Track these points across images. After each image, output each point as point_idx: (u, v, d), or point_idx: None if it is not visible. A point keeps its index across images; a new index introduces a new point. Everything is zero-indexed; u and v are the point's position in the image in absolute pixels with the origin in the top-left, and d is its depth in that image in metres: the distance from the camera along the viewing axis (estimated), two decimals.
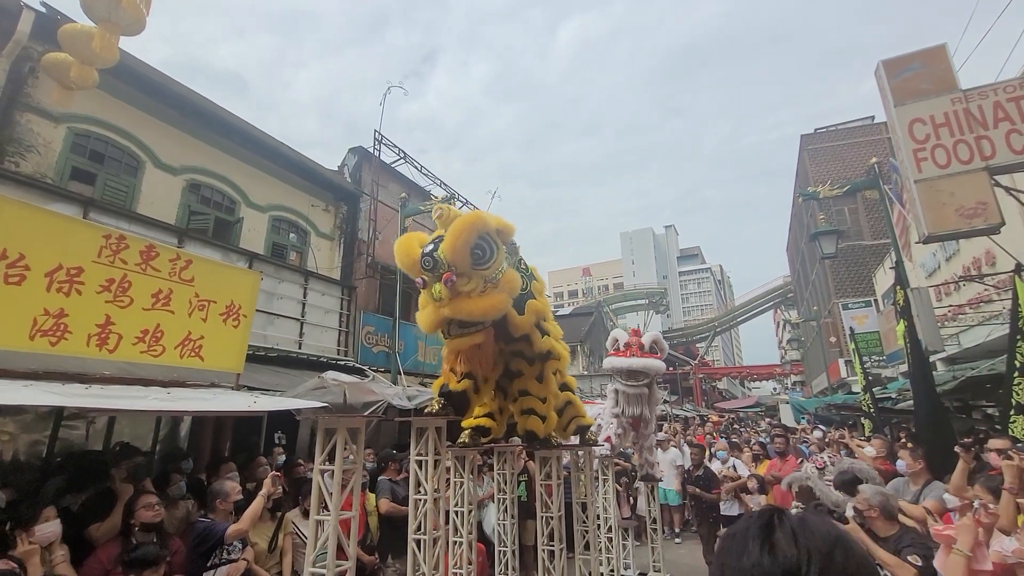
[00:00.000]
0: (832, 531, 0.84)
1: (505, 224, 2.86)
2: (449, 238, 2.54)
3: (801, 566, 0.77)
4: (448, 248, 2.52)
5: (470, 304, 2.55)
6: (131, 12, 4.84)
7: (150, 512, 3.27)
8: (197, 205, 8.14)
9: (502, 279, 2.67)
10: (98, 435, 5.80)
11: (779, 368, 39.20)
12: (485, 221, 2.66)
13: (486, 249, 2.63)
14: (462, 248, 2.51)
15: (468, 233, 2.53)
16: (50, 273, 3.83)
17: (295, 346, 8.34)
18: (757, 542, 0.82)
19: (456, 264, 2.53)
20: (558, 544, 3.79)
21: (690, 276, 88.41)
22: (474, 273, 2.58)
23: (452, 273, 2.52)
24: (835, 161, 21.99)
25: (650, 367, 5.24)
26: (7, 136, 5.94)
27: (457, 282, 2.52)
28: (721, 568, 0.88)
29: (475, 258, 2.59)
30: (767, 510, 0.89)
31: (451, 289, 2.52)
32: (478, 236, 2.59)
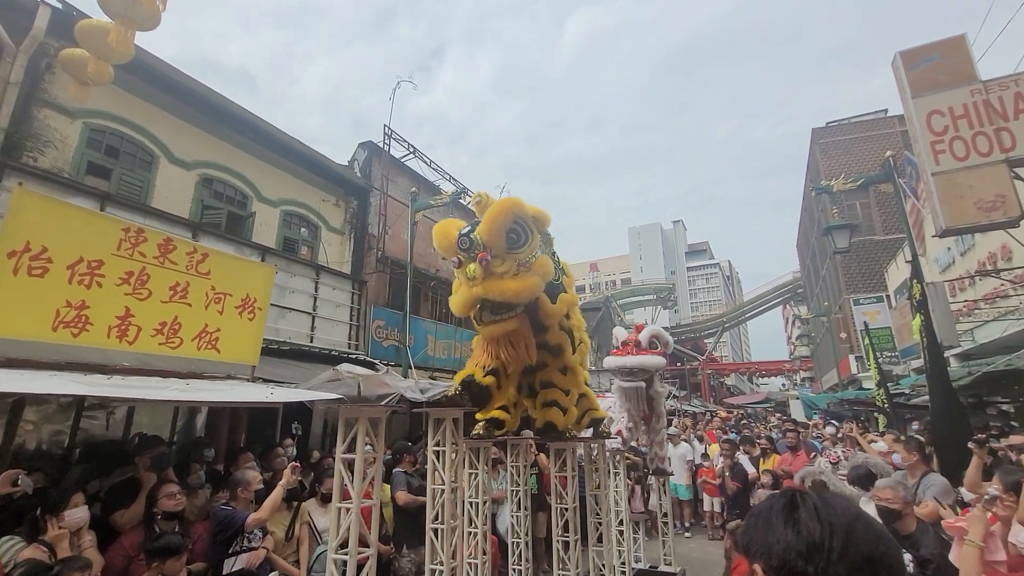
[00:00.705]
0: (852, 508, 0.87)
1: (541, 212, 2.92)
2: (486, 220, 2.59)
3: (824, 540, 0.80)
4: (484, 229, 2.58)
5: (503, 284, 2.56)
6: (147, 7, 4.88)
7: (172, 501, 3.33)
8: (210, 199, 8.20)
9: (535, 263, 2.69)
10: (118, 425, 5.90)
11: (788, 364, 38.97)
12: (522, 206, 2.72)
13: (521, 233, 2.67)
14: (498, 230, 2.57)
15: (504, 216, 2.59)
16: (72, 266, 3.89)
17: (307, 340, 8.42)
18: (781, 519, 0.86)
19: (491, 245, 2.58)
20: (572, 535, 3.81)
21: (698, 272, 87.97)
22: (508, 255, 2.62)
23: (487, 253, 2.56)
24: (847, 155, 21.74)
25: (646, 363, 5.22)
26: (25, 131, 6.01)
27: (491, 262, 2.56)
28: (747, 546, 0.91)
29: (510, 241, 2.63)
30: (789, 491, 0.92)
31: (485, 269, 2.56)
32: (514, 220, 2.64)
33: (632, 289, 45.65)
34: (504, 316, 2.64)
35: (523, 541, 4.35)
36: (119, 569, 3.10)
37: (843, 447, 6.75)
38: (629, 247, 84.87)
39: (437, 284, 12.09)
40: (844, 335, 20.93)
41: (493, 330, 2.68)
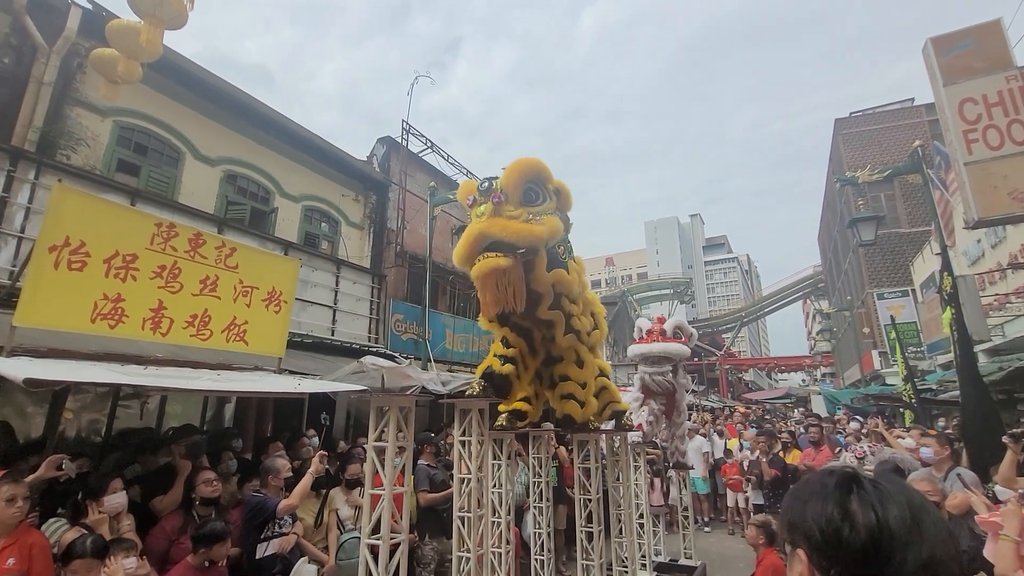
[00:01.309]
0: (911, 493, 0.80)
1: (565, 188, 2.98)
2: (509, 168, 2.71)
3: (883, 529, 0.74)
4: (505, 176, 2.70)
5: (508, 223, 2.59)
6: (175, 6, 4.97)
7: (209, 487, 3.44)
8: (234, 195, 8.36)
9: (545, 218, 2.73)
10: (151, 415, 6.08)
11: (808, 359, 38.31)
12: (546, 169, 2.82)
13: (539, 193, 2.77)
14: (517, 181, 2.67)
15: (527, 170, 2.71)
16: (108, 260, 4.01)
17: (328, 333, 8.54)
18: (832, 502, 0.79)
19: (508, 192, 2.66)
20: (597, 526, 3.83)
21: (716, 266, 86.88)
22: (521, 207, 2.69)
23: (501, 195, 2.63)
24: (872, 146, 21.22)
25: (672, 351, 5.22)
26: (59, 129, 6.19)
27: (503, 204, 2.63)
28: (790, 528, 0.84)
29: (526, 195, 2.72)
30: (842, 471, 0.85)
31: (496, 208, 2.62)
32: (535, 177, 2.74)
33: (648, 283, 45.27)
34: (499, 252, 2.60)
35: (545, 532, 4.39)
36: (160, 551, 3.22)
37: (869, 442, 6.65)
38: (645, 241, 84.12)
39: (455, 278, 12.15)
40: (867, 330, 20.52)
41: (485, 264, 2.60)
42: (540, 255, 2.90)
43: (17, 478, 2.69)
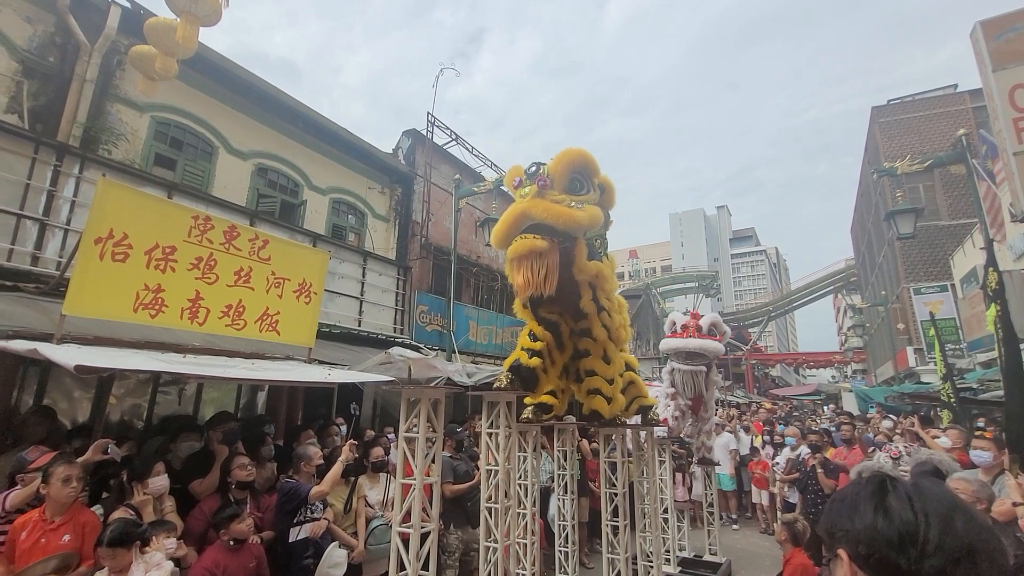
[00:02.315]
0: (949, 495, 0.81)
1: (610, 184, 3.02)
2: (558, 156, 2.77)
3: (919, 530, 0.75)
4: (553, 162, 2.75)
5: (549, 206, 2.61)
6: (209, 3, 5.09)
7: (244, 472, 3.56)
8: (265, 188, 8.54)
9: (586, 207, 2.74)
10: (188, 401, 6.31)
11: (839, 355, 37.29)
12: (594, 163, 2.89)
13: (584, 183, 2.82)
14: (564, 168, 2.73)
15: (576, 159, 2.77)
16: (148, 251, 4.14)
17: (355, 323, 8.69)
18: (870, 505, 0.81)
19: (553, 177, 2.71)
20: (622, 520, 3.83)
21: (743, 259, 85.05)
22: (564, 194, 2.73)
23: (547, 179, 2.68)
24: (911, 134, 20.36)
25: (708, 348, 5.16)
26: (101, 125, 6.41)
27: (548, 188, 2.68)
28: (831, 530, 0.87)
29: (571, 184, 2.77)
30: (878, 474, 0.86)
31: (540, 189, 2.67)
32: (583, 168, 2.80)
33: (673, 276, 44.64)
34: (538, 235, 2.60)
35: (570, 524, 4.41)
36: (199, 532, 3.35)
37: (904, 442, 6.45)
38: (670, 233, 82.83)
39: (479, 271, 12.21)
40: (902, 326, 19.83)
41: (522, 245, 2.61)
42: (580, 244, 2.91)
43: (70, 459, 2.83)
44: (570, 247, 2.84)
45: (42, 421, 4.06)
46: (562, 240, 2.72)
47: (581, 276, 2.98)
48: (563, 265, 2.82)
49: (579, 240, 2.86)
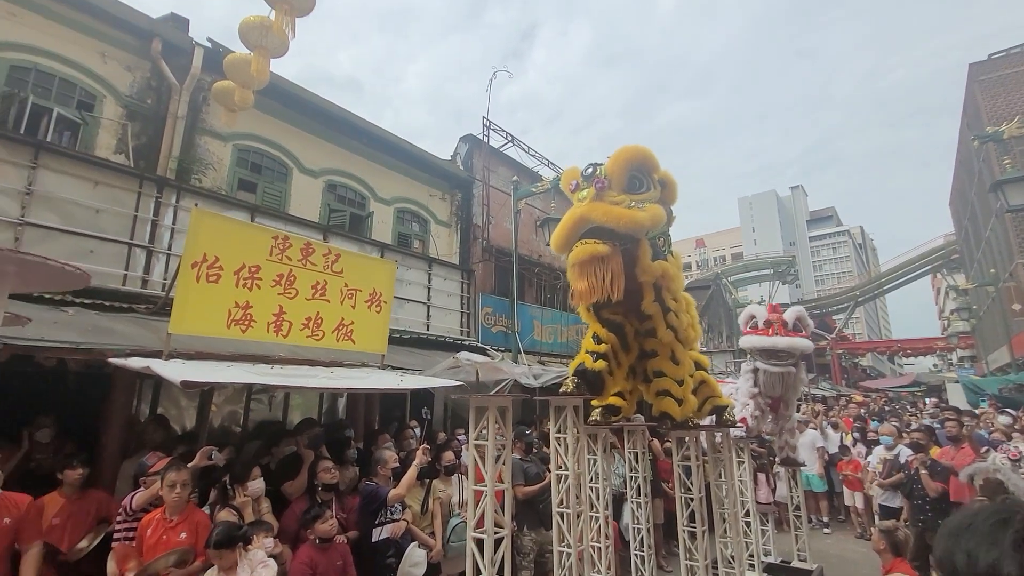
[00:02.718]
0: None
1: (671, 179, 2.93)
2: (614, 155, 2.69)
3: None
4: (611, 162, 2.68)
5: (609, 208, 2.55)
6: (278, 36, 5.46)
7: (328, 475, 3.81)
8: (335, 203, 9.05)
9: (648, 206, 2.66)
10: (277, 407, 6.85)
11: (941, 342, 33.71)
12: (652, 157, 2.78)
13: (643, 181, 2.73)
14: (622, 167, 2.65)
15: (633, 157, 2.68)
16: (236, 272, 4.53)
17: (423, 328, 9.00)
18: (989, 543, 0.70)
19: (611, 178, 2.64)
20: (700, 526, 3.71)
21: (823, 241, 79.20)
22: (624, 194, 2.65)
23: (605, 181, 2.62)
24: (1018, 92, 18.01)
25: (796, 346, 4.87)
26: (192, 157, 7.07)
27: (606, 190, 2.61)
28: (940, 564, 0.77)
29: (630, 183, 2.68)
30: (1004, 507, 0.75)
31: (598, 192, 2.61)
32: (641, 165, 2.70)
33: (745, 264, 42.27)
34: (599, 239, 2.54)
35: (644, 528, 4.33)
36: (292, 531, 3.63)
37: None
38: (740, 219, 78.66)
39: (541, 270, 12.23)
40: (1018, 306, 17.59)
41: (583, 251, 2.54)
42: (643, 245, 2.83)
43: (180, 466, 3.16)
44: (632, 248, 2.77)
45: (158, 429, 4.56)
46: (624, 242, 2.66)
47: (645, 277, 2.90)
48: (626, 267, 2.75)
49: (642, 241, 2.78)
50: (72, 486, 3.47)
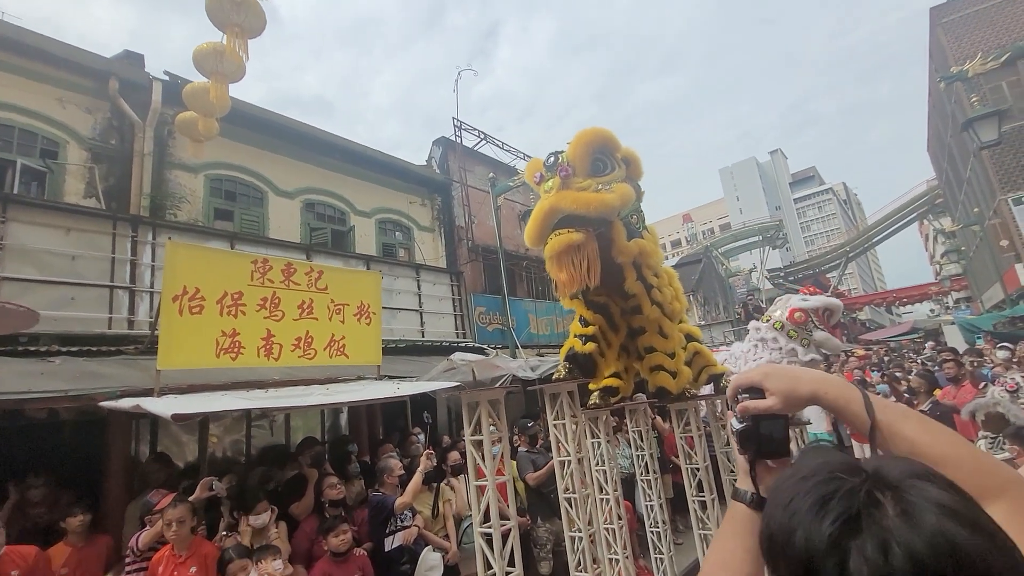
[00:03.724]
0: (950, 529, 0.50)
1: (634, 155, 2.88)
2: (574, 140, 2.65)
3: None
4: (571, 148, 2.63)
5: (577, 195, 2.52)
6: (233, 60, 5.40)
7: (334, 491, 3.80)
8: (315, 222, 9.00)
9: (615, 186, 2.63)
10: (279, 430, 6.83)
11: (935, 287, 34.01)
12: (613, 138, 2.73)
13: (607, 163, 2.68)
14: (584, 151, 2.61)
15: (593, 139, 2.64)
16: (220, 300, 4.50)
17: (418, 335, 8.98)
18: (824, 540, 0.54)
19: (574, 164, 2.60)
20: (709, 494, 3.72)
21: (808, 201, 79.57)
22: (589, 178, 2.62)
23: (569, 168, 2.58)
24: (982, 28, 18.11)
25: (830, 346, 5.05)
26: (164, 192, 7.02)
27: (571, 177, 2.58)
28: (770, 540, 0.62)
29: (594, 166, 2.65)
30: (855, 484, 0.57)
31: (564, 181, 2.57)
32: (603, 146, 2.66)
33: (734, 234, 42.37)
34: (572, 228, 2.52)
35: (656, 504, 4.34)
36: (304, 551, 3.62)
37: (1021, 372, 5.81)
38: (723, 189, 78.90)
39: (529, 263, 12.22)
40: (1005, 242, 17.74)
41: (558, 242, 2.52)
42: (617, 226, 2.82)
43: (178, 502, 3.14)
44: (607, 231, 2.76)
45: (160, 467, 4.53)
46: (597, 227, 2.65)
47: (623, 258, 2.88)
48: (603, 250, 2.74)
49: (615, 223, 2.77)
50: (76, 534, 3.44)
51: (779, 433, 0.91)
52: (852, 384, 0.88)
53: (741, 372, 1.01)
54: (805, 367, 0.99)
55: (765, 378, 0.90)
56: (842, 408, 0.84)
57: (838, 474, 0.60)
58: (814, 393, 0.86)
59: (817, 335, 4.78)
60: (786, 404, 0.88)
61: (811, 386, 0.87)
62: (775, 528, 0.61)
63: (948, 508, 0.52)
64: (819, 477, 0.61)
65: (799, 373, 0.90)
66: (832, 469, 0.61)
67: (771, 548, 0.62)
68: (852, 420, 0.82)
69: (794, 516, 0.58)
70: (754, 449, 0.92)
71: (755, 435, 0.91)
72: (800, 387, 0.87)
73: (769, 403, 0.89)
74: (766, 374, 0.91)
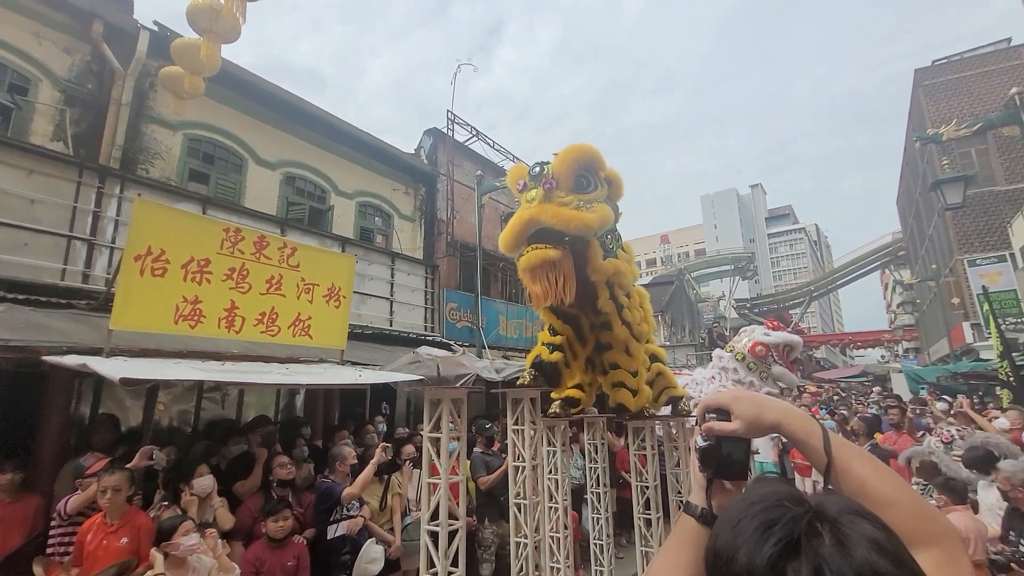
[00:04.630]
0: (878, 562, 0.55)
1: (617, 176, 2.92)
2: (561, 154, 2.67)
3: None
4: (557, 162, 2.65)
5: (558, 210, 2.53)
6: (229, 20, 5.25)
7: (284, 471, 3.72)
8: (293, 196, 8.79)
9: (595, 206, 2.65)
10: (231, 405, 6.62)
11: (888, 334, 35.62)
12: (599, 157, 2.76)
13: (591, 180, 2.71)
14: (569, 167, 2.62)
15: (580, 156, 2.66)
16: (185, 265, 4.35)
17: (386, 324, 8.86)
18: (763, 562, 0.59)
19: (559, 178, 2.61)
20: (655, 513, 3.80)
21: (781, 238, 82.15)
22: (571, 194, 2.63)
23: (553, 181, 2.59)
24: (959, 96, 19.08)
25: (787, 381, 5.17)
26: (137, 146, 6.73)
27: (554, 190, 2.59)
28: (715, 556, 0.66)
29: (577, 183, 2.66)
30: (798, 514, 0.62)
31: (547, 193, 2.58)
32: (587, 164, 2.69)
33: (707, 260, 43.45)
34: (549, 243, 2.53)
35: (603, 517, 4.40)
36: (246, 528, 3.53)
37: (957, 425, 6.13)
38: (703, 216, 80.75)
39: (506, 265, 12.23)
40: (956, 300, 18.72)
41: (534, 256, 2.53)
42: (593, 245, 2.84)
43: (119, 467, 3.02)
44: (583, 249, 2.79)
45: (109, 429, 4.33)
46: (574, 244, 2.68)
47: (597, 276, 2.92)
48: (577, 267, 2.77)
49: (592, 241, 2.80)
50: (4, 491, 3.27)
51: (740, 455, 0.94)
52: (814, 418, 0.92)
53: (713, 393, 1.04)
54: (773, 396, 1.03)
55: (733, 401, 0.93)
56: (802, 440, 0.87)
57: (784, 503, 0.65)
58: (778, 422, 0.89)
59: (775, 369, 4.94)
60: (750, 429, 0.91)
61: (776, 415, 0.90)
62: (721, 545, 0.65)
63: (878, 544, 0.57)
64: (767, 503, 0.65)
65: (766, 401, 0.93)
66: (780, 498, 0.66)
67: (715, 563, 0.66)
68: (810, 453, 0.86)
69: (739, 536, 0.63)
70: (714, 468, 0.96)
71: (717, 455, 0.94)
72: (765, 414, 0.90)
73: (734, 426, 0.92)
74: (735, 398, 0.95)
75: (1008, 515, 3.28)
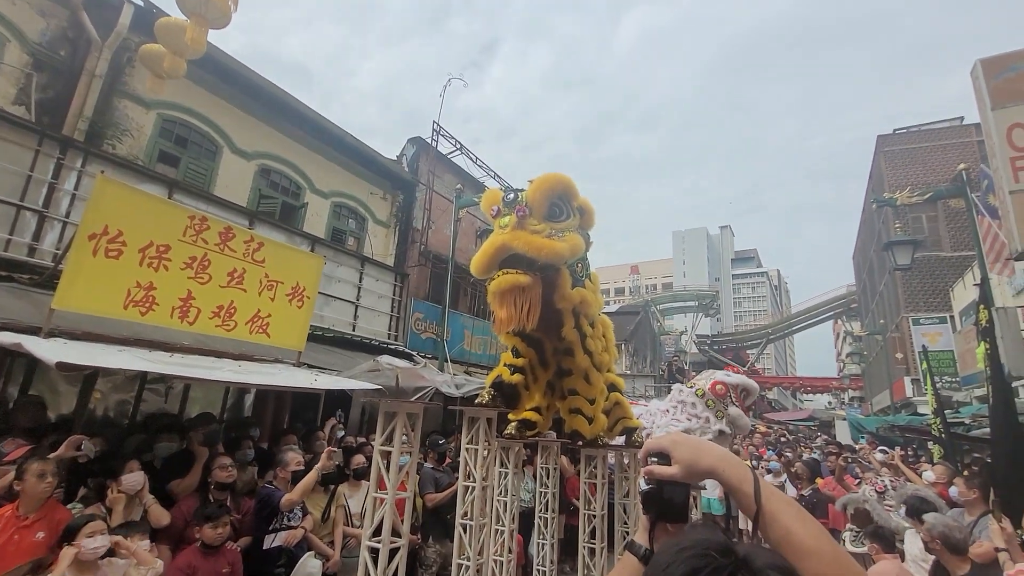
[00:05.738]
0: None
1: (590, 207, 2.98)
2: (535, 182, 2.71)
3: None
4: (531, 190, 2.69)
5: (531, 238, 2.57)
6: (219, 6, 5.16)
7: (224, 473, 3.55)
8: (267, 189, 8.60)
9: (567, 235, 2.71)
10: (175, 399, 6.31)
11: (836, 382, 37.11)
12: (573, 186, 2.81)
13: (563, 209, 2.76)
14: (544, 195, 2.67)
15: (554, 186, 2.71)
16: (143, 249, 4.18)
17: (349, 328, 8.70)
18: None
19: (533, 205, 2.65)
20: (600, 543, 3.80)
21: (744, 279, 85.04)
22: (544, 222, 2.68)
23: (526, 208, 2.63)
24: (915, 165, 20.44)
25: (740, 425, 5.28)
26: (107, 120, 6.48)
27: (527, 218, 2.63)
28: None
29: (551, 211, 2.71)
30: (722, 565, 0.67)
31: (520, 220, 2.61)
32: (561, 194, 2.74)
33: (674, 294, 44.54)
34: (519, 269, 2.57)
35: (549, 543, 4.37)
36: (177, 531, 3.34)
37: (890, 476, 6.41)
38: (673, 251, 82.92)
39: (476, 281, 12.21)
40: (900, 355, 19.75)
41: (504, 281, 2.57)
42: (563, 273, 2.89)
43: (45, 455, 2.83)
44: (553, 276, 2.84)
45: (33, 412, 4.04)
46: (544, 272, 2.72)
47: (564, 304, 2.97)
48: (545, 294, 2.82)
49: (562, 269, 2.86)
50: None
51: (680, 499, 0.97)
52: (748, 466, 0.96)
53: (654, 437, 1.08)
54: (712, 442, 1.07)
55: (673, 446, 0.97)
56: (735, 487, 0.91)
57: (712, 553, 0.68)
58: (713, 468, 0.93)
59: (731, 410, 5.06)
60: (688, 474, 0.95)
61: (712, 461, 0.93)
62: None
63: None
64: (695, 551, 0.69)
65: (704, 447, 0.96)
66: (708, 547, 0.69)
67: None
68: (741, 499, 0.90)
69: None
70: (655, 511, 0.98)
71: (658, 498, 0.97)
72: (702, 460, 0.94)
73: (673, 471, 0.95)
74: (675, 442, 0.98)
75: (934, 568, 3.43)
